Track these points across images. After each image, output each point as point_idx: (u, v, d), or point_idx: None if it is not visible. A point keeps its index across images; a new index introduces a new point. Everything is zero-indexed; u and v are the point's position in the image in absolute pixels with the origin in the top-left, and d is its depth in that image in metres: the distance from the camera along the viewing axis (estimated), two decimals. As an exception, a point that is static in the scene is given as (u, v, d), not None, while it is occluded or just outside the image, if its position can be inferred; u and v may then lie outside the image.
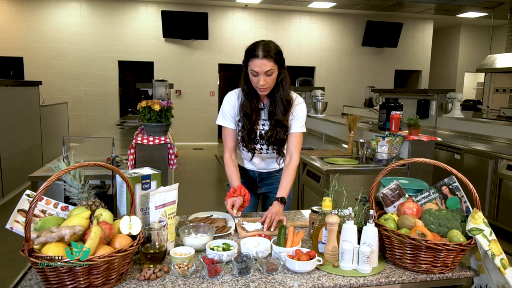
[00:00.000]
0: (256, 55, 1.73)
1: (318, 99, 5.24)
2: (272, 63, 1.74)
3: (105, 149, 3.41)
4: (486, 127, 4.87)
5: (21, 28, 8.84)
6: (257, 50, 1.73)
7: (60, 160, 1.61)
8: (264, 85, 1.76)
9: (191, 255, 1.32)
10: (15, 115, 5.29)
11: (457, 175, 1.40)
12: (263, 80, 1.75)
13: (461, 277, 1.35)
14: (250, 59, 1.75)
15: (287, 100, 1.87)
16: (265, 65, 1.72)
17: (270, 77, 1.77)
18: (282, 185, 1.86)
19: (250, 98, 1.88)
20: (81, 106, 9.37)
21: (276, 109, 1.86)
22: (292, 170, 1.90)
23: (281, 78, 1.83)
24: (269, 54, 1.73)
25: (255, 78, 1.77)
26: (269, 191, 2.14)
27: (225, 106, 1.95)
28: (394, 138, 2.94)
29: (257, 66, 1.73)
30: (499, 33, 10.29)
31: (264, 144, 1.95)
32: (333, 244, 1.36)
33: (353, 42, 10.60)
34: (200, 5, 9.48)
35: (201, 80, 9.71)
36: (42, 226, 1.23)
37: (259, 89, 1.80)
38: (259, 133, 1.93)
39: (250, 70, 1.77)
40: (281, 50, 1.80)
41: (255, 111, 1.89)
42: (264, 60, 1.72)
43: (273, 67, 1.75)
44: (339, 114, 8.67)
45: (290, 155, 1.93)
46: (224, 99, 1.97)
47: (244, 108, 1.88)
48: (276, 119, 1.87)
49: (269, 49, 1.74)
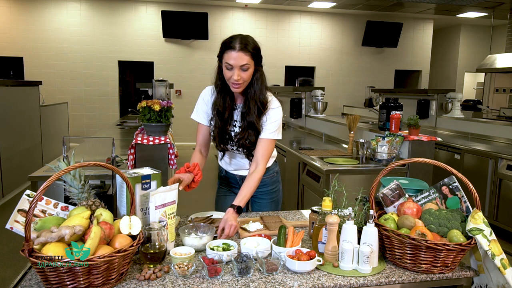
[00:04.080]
0: (232, 47, 1.62)
1: (318, 99, 5.24)
2: (248, 58, 1.64)
3: (105, 149, 3.41)
4: (486, 127, 4.87)
5: (21, 28, 8.84)
6: (234, 42, 1.63)
7: (60, 160, 1.61)
8: (238, 80, 1.65)
9: (191, 255, 1.32)
10: (15, 115, 5.29)
11: (457, 175, 1.40)
12: (237, 74, 1.64)
13: (461, 277, 1.35)
14: (225, 51, 1.64)
15: (261, 102, 1.74)
16: (241, 58, 1.62)
17: (245, 72, 1.66)
18: (242, 193, 1.69)
19: (224, 95, 1.78)
20: (81, 106, 9.37)
21: (250, 110, 1.74)
22: (255, 180, 1.73)
23: (256, 77, 1.72)
24: (246, 47, 1.63)
25: (229, 72, 1.66)
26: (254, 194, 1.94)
27: (199, 100, 1.88)
28: (394, 138, 2.94)
29: (233, 59, 1.62)
30: (499, 33, 10.29)
31: (235, 145, 1.85)
32: (333, 244, 1.36)
33: (353, 42, 10.60)
34: (200, 5, 9.48)
35: (201, 80, 9.70)
36: (42, 226, 1.23)
37: (233, 85, 1.69)
38: (230, 134, 1.84)
39: (225, 63, 1.65)
40: (259, 46, 1.70)
41: (228, 109, 1.79)
42: (241, 53, 1.62)
43: (249, 62, 1.64)
44: (339, 114, 8.67)
45: (256, 163, 1.77)
46: (200, 96, 1.89)
47: (217, 105, 1.78)
48: (249, 120, 1.75)
49: (247, 42, 1.64)
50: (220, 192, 2.13)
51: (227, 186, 2.10)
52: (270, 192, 2.04)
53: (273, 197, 2.06)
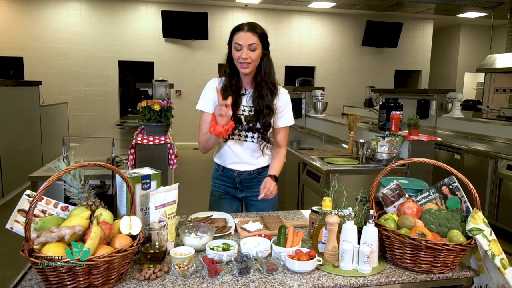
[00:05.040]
0: (241, 28, 1.74)
1: (318, 99, 5.24)
2: (256, 38, 1.74)
3: (105, 149, 3.41)
4: (486, 127, 4.87)
5: (21, 28, 8.84)
6: (243, 25, 1.75)
7: (60, 160, 1.61)
8: (247, 59, 1.73)
9: (191, 255, 1.32)
10: (15, 115, 5.29)
11: (457, 175, 1.40)
12: (246, 53, 1.73)
13: (461, 277, 1.35)
14: (235, 33, 1.76)
15: (272, 83, 1.85)
16: (250, 38, 1.73)
17: (253, 52, 1.75)
18: (274, 165, 1.88)
19: (232, 78, 1.84)
20: (81, 106, 9.37)
21: (262, 92, 1.82)
22: (281, 157, 1.92)
23: (265, 61, 1.81)
24: (254, 29, 1.74)
25: (238, 53, 1.75)
26: (250, 195, 2.01)
27: (206, 90, 1.91)
28: (394, 138, 2.94)
29: (241, 38, 1.73)
30: (499, 33, 10.29)
31: (243, 129, 1.87)
32: (333, 244, 1.36)
33: (353, 42, 10.60)
34: (200, 5, 9.48)
35: (201, 80, 9.70)
36: (42, 226, 1.23)
37: (241, 65, 1.76)
38: (240, 118, 1.86)
39: (234, 43, 1.75)
40: (266, 33, 1.80)
41: (235, 93, 1.83)
42: (249, 33, 1.73)
43: (257, 42, 1.74)
44: (339, 114, 8.67)
45: (279, 147, 1.94)
46: (206, 85, 1.93)
47: (226, 91, 1.82)
48: (262, 103, 1.82)
49: (255, 26, 1.76)
50: (214, 195, 2.07)
51: (221, 187, 2.04)
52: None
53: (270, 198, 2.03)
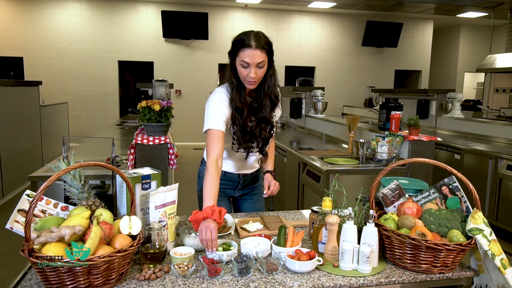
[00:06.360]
0: (249, 44, 1.61)
1: (318, 99, 5.24)
2: (264, 55, 1.64)
3: (105, 149, 3.41)
4: (486, 127, 4.87)
5: (21, 28, 8.84)
6: (249, 40, 1.62)
7: (60, 160, 1.61)
8: (255, 77, 1.65)
9: (191, 255, 1.32)
10: (15, 115, 5.29)
11: (457, 175, 1.40)
12: (254, 72, 1.63)
13: (461, 277, 1.35)
14: (241, 49, 1.63)
15: (275, 96, 1.78)
16: (258, 56, 1.62)
17: (261, 69, 1.66)
18: (269, 162, 1.96)
19: (239, 91, 1.73)
20: (81, 106, 9.36)
21: (263, 105, 1.75)
22: (272, 150, 2.02)
23: (270, 73, 1.73)
24: (262, 45, 1.62)
25: (244, 70, 1.65)
26: (246, 193, 2.01)
27: (219, 106, 1.71)
28: (394, 138, 2.94)
29: (249, 57, 1.61)
30: (499, 33, 10.29)
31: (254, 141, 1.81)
32: (333, 244, 1.36)
33: (353, 42, 10.60)
34: (200, 5, 9.48)
35: (201, 80, 9.70)
36: (42, 226, 1.23)
37: (248, 82, 1.68)
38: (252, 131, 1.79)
39: (241, 61, 1.64)
40: (271, 41, 1.69)
41: (245, 104, 1.73)
42: (257, 50, 1.61)
43: (264, 59, 1.65)
44: (339, 114, 8.67)
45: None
46: (212, 101, 1.75)
47: (235, 102, 1.72)
48: (261, 116, 1.76)
49: (261, 39, 1.64)
50: None
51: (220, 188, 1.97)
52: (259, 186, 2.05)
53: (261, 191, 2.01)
